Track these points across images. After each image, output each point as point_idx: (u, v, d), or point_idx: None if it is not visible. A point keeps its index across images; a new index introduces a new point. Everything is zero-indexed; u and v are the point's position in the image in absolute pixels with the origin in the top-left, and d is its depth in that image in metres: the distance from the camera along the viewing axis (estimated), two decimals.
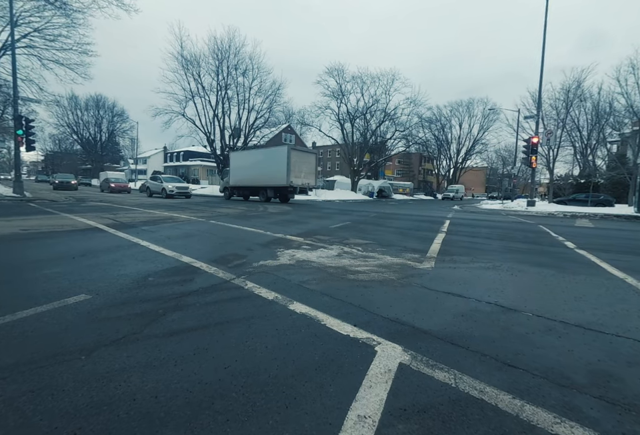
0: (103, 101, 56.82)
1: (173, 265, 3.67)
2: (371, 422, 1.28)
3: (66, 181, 26.96)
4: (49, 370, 1.59)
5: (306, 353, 1.83)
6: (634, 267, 4.28)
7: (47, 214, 8.69)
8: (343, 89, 35.62)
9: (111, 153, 63.65)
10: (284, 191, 17.89)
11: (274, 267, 3.71)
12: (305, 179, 17.68)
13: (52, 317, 2.22)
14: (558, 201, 24.36)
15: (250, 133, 33.67)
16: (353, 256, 4.49)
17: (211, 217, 9.24)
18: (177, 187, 19.96)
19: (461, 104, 54.69)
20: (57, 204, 12.20)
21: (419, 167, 67.98)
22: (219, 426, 1.25)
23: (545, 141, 20.62)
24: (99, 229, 6.19)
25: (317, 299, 2.70)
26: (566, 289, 3.24)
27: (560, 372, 1.69)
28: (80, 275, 3.20)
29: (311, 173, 18.12)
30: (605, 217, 15.06)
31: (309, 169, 17.96)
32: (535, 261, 4.57)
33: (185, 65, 30.40)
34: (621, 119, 25.87)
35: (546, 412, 1.37)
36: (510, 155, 50.41)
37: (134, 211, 10.45)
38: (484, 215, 14.98)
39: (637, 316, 2.55)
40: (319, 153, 60.46)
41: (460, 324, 2.28)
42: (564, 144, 29.61)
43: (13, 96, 15.34)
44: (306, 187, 18.20)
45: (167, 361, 1.69)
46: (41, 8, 16.35)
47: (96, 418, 1.27)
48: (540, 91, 19.74)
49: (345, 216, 11.27)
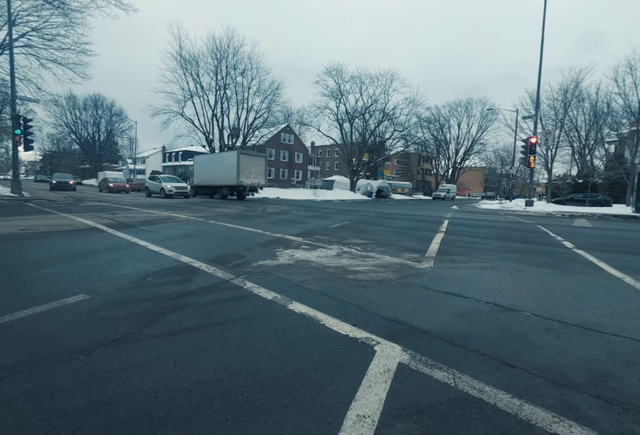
0: (102, 101, 56.80)
1: (172, 265, 3.66)
2: (371, 422, 1.28)
3: (64, 182, 25.17)
4: (48, 370, 1.59)
5: (305, 353, 1.83)
6: (632, 267, 4.30)
7: (45, 214, 8.67)
8: (342, 89, 35.69)
9: (110, 153, 63.55)
10: (237, 189, 20.17)
11: (273, 267, 3.71)
12: (255, 179, 20.32)
13: (51, 317, 2.21)
14: (556, 201, 24.44)
15: (249, 132, 33.67)
16: (352, 256, 4.49)
17: (209, 216, 9.23)
18: (175, 187, 19.93)
19: (459, 104, 54.82)
20: (55, 204, 12.17)
21: (418, 167, 68.03)
22: (218, 426, 1.25)
23: (544, 141, 20.68)
24: (98, 229, 6.17)
25: (316, 299, 2.71)
26: (564, 288, 3.25)
27: (558, 371, 1.70)
28: (79, 275, 3.19)
29: (260, 174, 20.80)
30: (603, 217, 15.11)
31: (258, 171, 20.66)
32: (533, 260, 4.59)
33: (184, 64, 30.41)
34: (618, 119, 26.02)
35: (545, 411, 1.37)
36: (508, 155, 50.60)
37: (133, 210, 10.43)
38: (482, 215, 15.01)
39: (635, 316, 2.56)
40: (318, 153, 60.18)
41: (459, 324, 2.29)
42: (562, 144, 29.76)
43: (10, 95, 15.29)
44: (256, 186, 20.58)
45: (166, 361, 1.69)
46: (39, 7, 16.33)
47: (95, 418, 1.27)
48: (538, 91, 19.80)
49: (344, 216, 11.28)
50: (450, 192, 44.14)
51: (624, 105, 23.44)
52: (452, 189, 45.79)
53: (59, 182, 24.89)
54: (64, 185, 24.82)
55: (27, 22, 16.59)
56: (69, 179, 26.22)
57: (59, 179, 25.63)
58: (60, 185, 24.66)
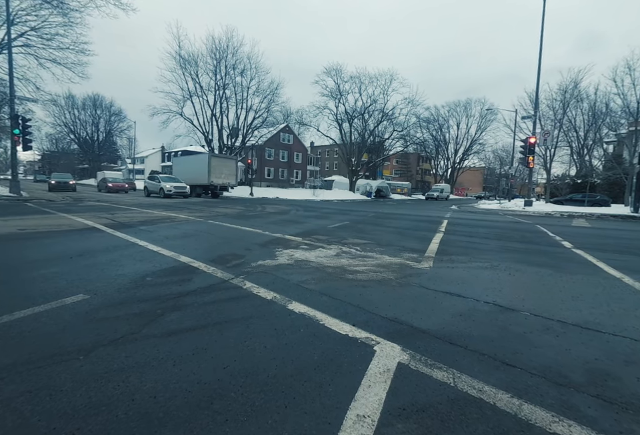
0: (101, 101, 56.73)
1: (171, 265, 3.66)
2: (370, 422, 1.28)
3: (63, 182, 23.52)
4: (47, 370, 1.58)
5: (305, 352, 1.83)
6: (630, 267, 4.31)
7: (44, 214, 8.65)
8: (341, 89, 35.69)
9: (109, 153, 63.50)
10: (209, 188, 22.09)
11: (272, 267, 3.71)
12: (225, 179, 22.42)
13: (50, 317, 2.20)
14: (555, 201, 24.49)
15: (248, 132, 33.64)
16: (351, 256, 4.49)
17: (209, 216, 9.22)
18: (174, 187, 19.87)
19: (458, 104, 55.01)
20: (54, 204, 12.14)
21: (417, 167, 68.06)
22: (218, 426, 1.25)
23: (542, 141, 20.73)
24: (97, 229, 6.16)
25: (316, 299, 2.71)
26: (563, 288, 3.26)
27: (558, 371, 1.70)
28: (77, 275, 3.18)
29: (231, 175, 23.03)
30: (602, 217, 15.14)
31: (229, 172, 22.83)
32: (532, 260, 4.59)
33: (183, 64, 30.35)
34: (617, 120, 26.08)
35: (544, 411, 1.37)
36: (507, 155, 50.60)
37: (132, 210, 10.42)
38: (481, 215, 15.03)
39: (634, 315, 2.57)
40: (318, 153, 60.12)
41: (458, 324, 2.29)
42: (561, 144, 29.85)
43: (9, 95, 15.26)
44: (226, 185, 22.87)
45: (165, 361, 1.69)
46: (37, 7, 16.31)
47: (94, 419, 1.27)
48: (537, 91, 19.83)
49: (343, 216, 11.28)
50: (443, 192, 42.04)
51: (622, 105, 23.50)
52: (445, 189, 44.01)
53: (58, 182, 23.40)
54: (64, 186, 23.44)
55: (25, 21, 16.58)
56: (69, 179, 24.78)
57: (59, 179, 24.09)
58: (60, 186, 23.24)
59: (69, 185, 23.64)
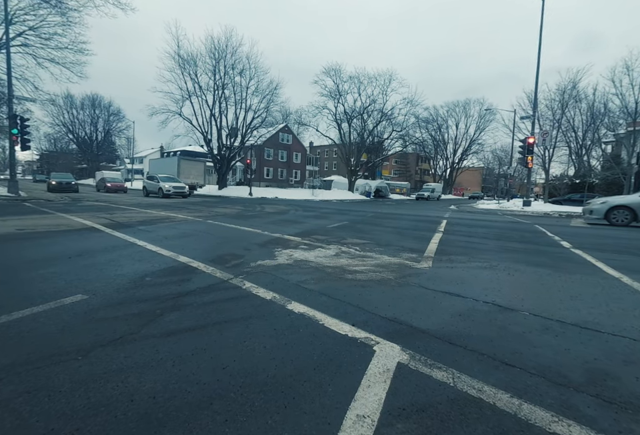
0: (99, 100, 56.56)
1: (170, 265, 3.65)
2: (370, 422, 1.28)
3: (65, 182, 21.97)
4: (46, 371, 1.58)
5: (304, 352, 1.83)
6: (629, 267, 4.32)
7: (42, 214, 8.62)
8: (340, 89, 35.66)
9: (107, 153, 63.35)
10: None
11: (272, 267, 3.70)
12: (194, 179, 25.98)
13: (48, 317, 2.20)
14: (553, 201, 24.55)
15: (247, 132, 33.56)
16: (350, 256, 4.49)
17: (208, 216, 9.21)
18: (173, 187, 19.82)
19: (457, 104, 55.09)
20: (52, 204, 12.11)
21: (416, 167, 68.12)
22: (217, 426, 1.25)
23: (541, 142, 20.76)
24: (96, 229, 6.14)
25: (315, 299, 2.70)
26: (562, 288, 3.26)
27: (557, 371, 1.70)
28: (76, 275, 3.17)
29: (199, 175, 26.74)
30: None
31: (197, 173, 26.56)
32: (531, 260, 4.60)
33: (182, 64, 30.20)
34: (615, 120, 26.15)
35: (543, 411, 1.38)
36: (506, 155, 50.63)
37: (130, 210, 10.40)
38: (480, 215, 15.05)
39: (633, 315, 2.57)
40: (317, 153, 60.31)
41: (458, 323, 2.29)
42: (559, 144, 29.89)
43: (7, 95, 15.19)
44: (195, 185, 26.09)
45: (164, 362, 1.68)
46: (36, 6, 16.24)
47: (93, 419, 1.26)
48: (536, 91, 19.86)
49: (342, 216, 11.28)
50: (435, 192, 40.52)
51: (621, 105, 23.55)
52: (437, 188, 42.30)
53: (59, 183, 21.85)
54: (65, 186, 21.89)
55: (24, 21, 16.51)
56: (70, 179, 23.19)
57: (59, 179, 22.48)
58: (60, 186, 21.69)
59: (70, 186, 22.18)
